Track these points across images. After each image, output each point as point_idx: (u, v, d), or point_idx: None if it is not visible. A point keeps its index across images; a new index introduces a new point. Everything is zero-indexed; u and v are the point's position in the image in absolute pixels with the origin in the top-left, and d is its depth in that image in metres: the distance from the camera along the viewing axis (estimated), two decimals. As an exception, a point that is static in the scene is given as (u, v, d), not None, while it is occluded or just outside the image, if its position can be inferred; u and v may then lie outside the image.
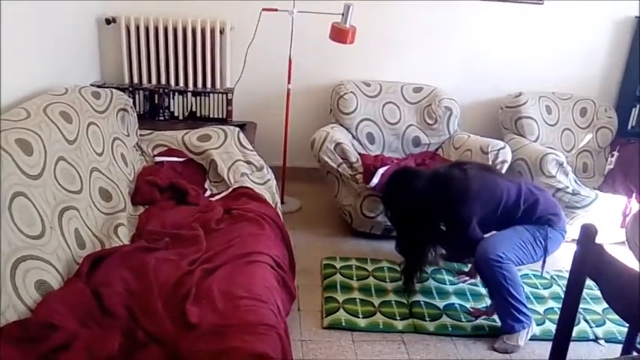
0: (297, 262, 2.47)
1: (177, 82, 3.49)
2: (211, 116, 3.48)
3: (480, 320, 2.51)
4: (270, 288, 1.89)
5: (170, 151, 2.86)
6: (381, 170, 2.95)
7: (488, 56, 3.70)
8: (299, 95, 3.56)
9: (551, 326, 2.48)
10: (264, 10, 3.19)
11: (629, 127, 3.77)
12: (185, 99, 3.43)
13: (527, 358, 2.32)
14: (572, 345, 1.60)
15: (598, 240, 1.44)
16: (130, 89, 3.37)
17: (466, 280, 2.80)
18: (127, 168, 2.58)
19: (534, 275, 2.91)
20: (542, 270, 2.47)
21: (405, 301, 2.61)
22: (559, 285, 2.84)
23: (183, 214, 2.36)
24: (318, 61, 3.58)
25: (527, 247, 2.37)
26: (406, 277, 2.67)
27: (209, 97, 3.44)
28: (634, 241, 1.75)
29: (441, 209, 2.44)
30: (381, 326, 2.42)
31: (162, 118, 3.43)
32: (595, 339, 2.46)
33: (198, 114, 3.46)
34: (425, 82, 3.63)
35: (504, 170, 3.11)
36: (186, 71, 3.47)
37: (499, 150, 3.09)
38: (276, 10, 3.17)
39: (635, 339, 1.96)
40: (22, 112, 2.05)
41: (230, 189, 2.65)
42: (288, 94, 3.36)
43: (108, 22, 3.35)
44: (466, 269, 2.89)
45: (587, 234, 1.45)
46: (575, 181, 3.20)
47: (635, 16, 3.67)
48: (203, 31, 3.39)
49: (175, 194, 2.55)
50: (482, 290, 2.70)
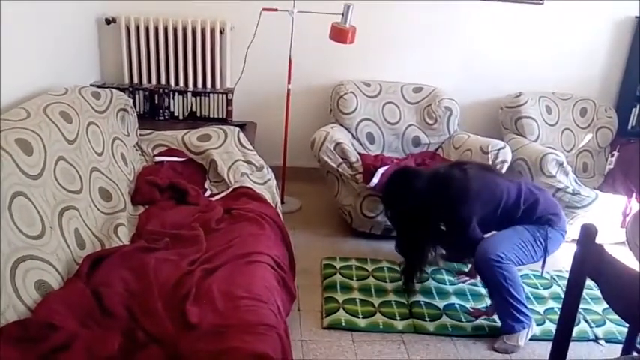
0: (297, 262, 2.47)
1: (177, 82, 3.49)
2: (211, 116, 3.47)
3: (480, 320, 2.51)
4: (270, 288, 1.89)
5: (170, 151, 2.86)
6: (381, 170, 2.94)
7: (488, 56, 3.70)
8: (299, 95, 3.56)
9: (551, 326, 2.48)
10: (264, 10, 3.19)
11: (629, 127, 3.77)
12: (185, 99, 3.43)
13: (527, 358, 2.32)
14: (572, 345, 1.60)
15: (598, 240, 1.44)
16: (130, 89, 3.37)
17: (466, 280, 2.80)
18: (127, 168, 2.58)
19: (534, 275, 2.91)
20: (542, 270, 2.47)
21: (405, 301, 2.61)
22: (559, 285, 2.84)
23: (183, 214, 2.36)
24: (318, 61, 3.58)
25: (527, 247, 2.37)
26: (406, 277, 2.67)
27: (209, 97, 3.44)
28: (634, 241, 1.75)
29: (441, 209, 2.44)
30: (381, 326, 2.42)
31: (163, 118, 3.43)
32: (595, 339, 2.46)
33: (198, 114, 3.46)
34: (425, 82, 3.63)
35: (504, 170, 3.10)
36: (186, 71, 3.47)
37: (499, 150, 3.09)
38: (276, 10, 3.17)
39: (635, 339, 1.96)
40: (22, 112, 2.05)
41: (230, 189, 2.65)
42: (288, 94, 3.36)
43: (108, 22, 3.35)
44: (466, 269, 2.89)
45: (587, 234, 1.45)
46: (575, 181, 3.20)
47: (635, 16, 3.66)
48: (203, 31, 3.39)
49: (175, 194, 2.54)
50: (483, 290, 2.70)
